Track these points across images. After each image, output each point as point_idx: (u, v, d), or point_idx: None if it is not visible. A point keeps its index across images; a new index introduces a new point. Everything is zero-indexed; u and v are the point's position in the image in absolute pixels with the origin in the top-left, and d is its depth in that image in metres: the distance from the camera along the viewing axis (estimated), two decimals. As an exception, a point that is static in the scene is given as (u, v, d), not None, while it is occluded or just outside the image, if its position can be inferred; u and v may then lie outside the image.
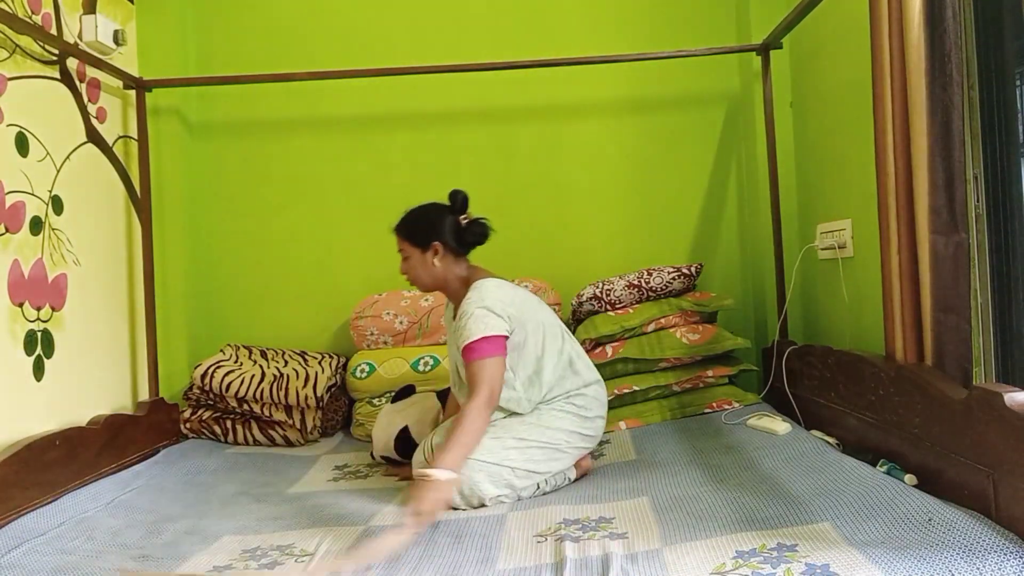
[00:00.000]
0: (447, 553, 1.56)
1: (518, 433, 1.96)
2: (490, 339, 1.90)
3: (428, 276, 2.06)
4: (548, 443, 1.96)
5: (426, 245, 2.03)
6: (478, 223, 2.06)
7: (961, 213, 1.66)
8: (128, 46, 2.83)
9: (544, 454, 1.95)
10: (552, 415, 2.01)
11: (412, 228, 2.06)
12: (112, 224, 2.66)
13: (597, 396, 2.11)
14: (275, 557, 1.61)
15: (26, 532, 1.79)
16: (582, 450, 2.06)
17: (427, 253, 2.03)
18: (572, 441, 2.01)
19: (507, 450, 1.92)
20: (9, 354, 2.07)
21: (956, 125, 1.66)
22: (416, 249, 2.04)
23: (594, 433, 2.09)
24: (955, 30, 1.65)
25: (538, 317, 2.04)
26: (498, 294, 1.97)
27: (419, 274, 2.06)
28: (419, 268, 2.05)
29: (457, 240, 2.04)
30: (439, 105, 3.08)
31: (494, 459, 1.89)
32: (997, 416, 1.40)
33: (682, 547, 1.46)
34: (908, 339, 1.78)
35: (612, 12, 3.07)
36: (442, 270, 2.04)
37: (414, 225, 2.06)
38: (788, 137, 2.86)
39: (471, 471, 1.86)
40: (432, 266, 2.04)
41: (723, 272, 3.06)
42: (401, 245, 2.07)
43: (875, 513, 1.50)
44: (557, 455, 1.97)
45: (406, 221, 2.08)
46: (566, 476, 2.03)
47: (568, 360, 2.07)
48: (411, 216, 2.09)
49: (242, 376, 2.69)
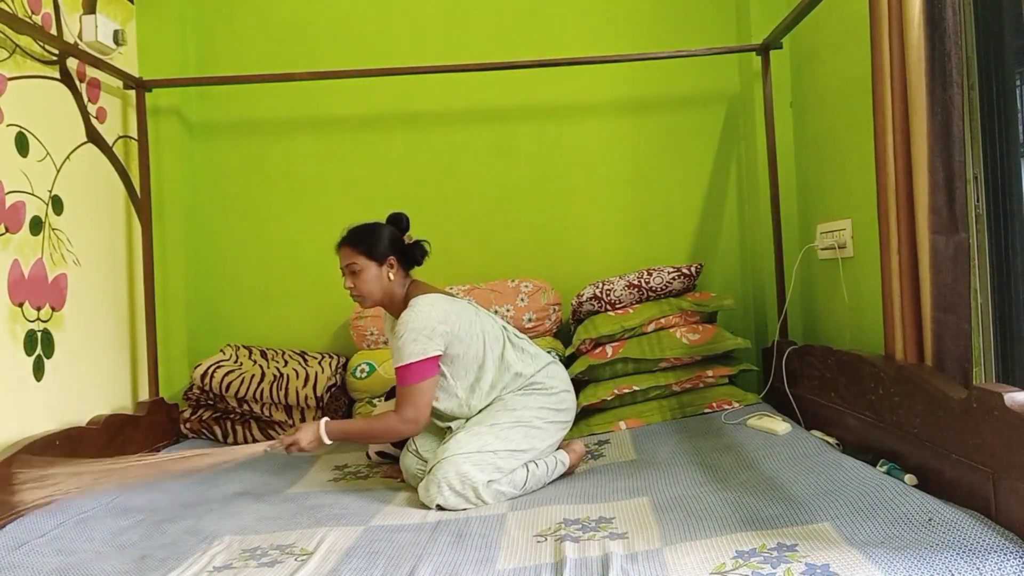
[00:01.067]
0: (447, 552, 1.57)
1: (487, 420, 2.03)
2: (420, 363, 1.97)
3: (379, 290, 2.09)
4: (519, 421, 2.03)
5: (382, 259, 2.07)
6: (420, 245, 2.14)
7: (961, 213, 1.66)
8: (128, 46, 2.83)
9: (519, 432, 2.01)
10: (515, 399, 2.09)
11: (367, 242, 2.08)
12: (112, 224, 2.66)
13: (553, 375, 2.17)
14: (275, 556, 1.61)
15: (26, 532, 1.79)
16: (559, 425, 2.11)
17: (383, 267, 2.08)
18: (544, 416, 2.07)
19: (482, 436, 1.98)
20: (9, 354, 2.07)
21: (956, 125, 1.66)
22: (372, 262, 2.07)
23: (565, 406, 2.15)
24: (955, 30, 1.65)
25: (475, 328, 2.08)
26: (432, 312, 2.01)
27: (371, 289, 2.08)
28: (372, 282, 2.07)
29: (403, 256, 2.11)
30: (439, 105, 3.08)
31: (474, 447, 1.95)
32: (997, 416, 1.40)
33: (682, 547, 1.46)
34: (908, 339, 1.78)
35: (612, 12, 3.07)
36: (391, 285, 2.09)
37: (368, 239, 2.08)
38: (788, 137, 2.86)
39: (457, 465, 1.90)
40: (387, 280, 2.08)
41: (723, 272, 3.06)
42: (353, 259, 2.07)
43: (875, 513, 1.50)
44: (533, 432, 2.03)
45: (360, 235, 2.10)
46: (557, 460, 2.06)
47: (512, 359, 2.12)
48: (364, 231, 2.11)
49: (242, 376, 2.69)
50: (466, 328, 2.05)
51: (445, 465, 1.91)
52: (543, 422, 2.06)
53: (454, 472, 1.89)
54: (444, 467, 1.91)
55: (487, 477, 1.91)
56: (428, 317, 1.99)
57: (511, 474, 1.95)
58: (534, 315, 2.80)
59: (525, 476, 1.97)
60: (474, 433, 1.99)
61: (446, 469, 1.90)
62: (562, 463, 2.07)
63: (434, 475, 1.92)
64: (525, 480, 1.97)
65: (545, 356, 2.22)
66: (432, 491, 1.90)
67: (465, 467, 1.90)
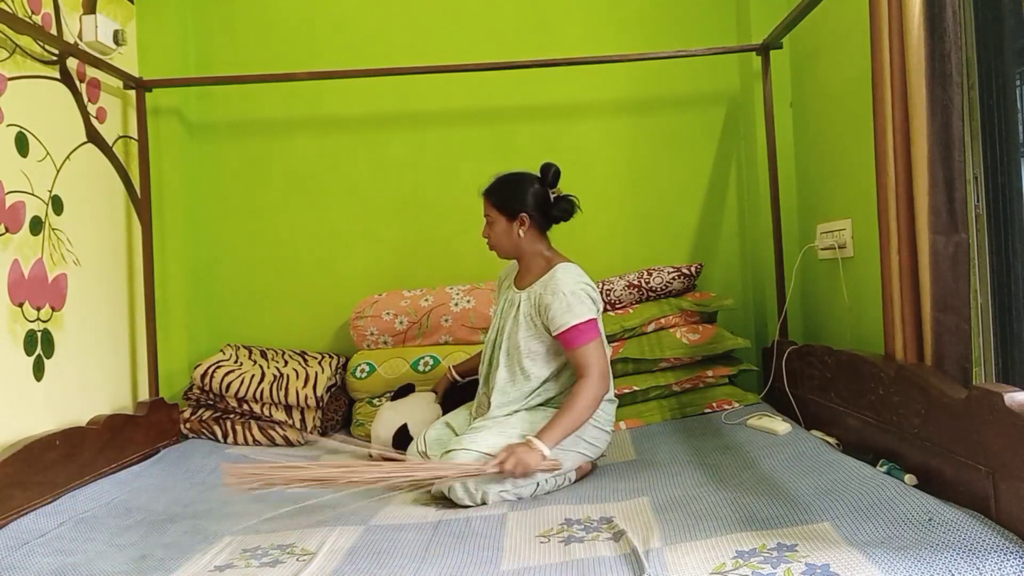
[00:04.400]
0: (450, 553, 1.56)
1: (523, 431, 1.97)
2: (590, 323, 1.97)
3: (510, 245, 2.12)
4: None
5: (513, 215, 2.08)
6: (567, 199, 2.11)
7: (961, 213, 1.66)
8: (128, 46, 2.83)
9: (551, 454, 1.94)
10: None
11: (502, 195, 2.09)
12: (112, 224, 2.66)
13: (608, 412, 2.11)
14: (276, 556, 1.61)
15: (26, 532, 1.79)
16: (583, 457, 2.05)
17: (513, 223, 2.09)
18: (576, 446, 2.00)
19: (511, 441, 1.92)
20: (9, 354, 2.07)
21: (956, 125, 1.66)
22: (503, 216, 2.09)
23: (598, 445, 2.09)
24: (955, 30, 1.65)
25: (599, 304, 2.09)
26: (582, 277, 2.05)
27: (501, 241, 2.12)
28: (503, 236, 2.10)
29: (543, 214, 2.10)
30: (439, 105, 3.08)
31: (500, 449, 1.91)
32: (997, 416, 1.40)
33: (682, 547, 1.46)
34: (908, 339, 1.78)
35: (612, 12, 3.07)
36: (524, 242, 2.10)
37: (504, 193, 2.10)
38: (788, 137, 2.86)
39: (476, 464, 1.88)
40: (516, 236, 2.10)
41: (723, 272, 3.06)
42: (488, 210, 2.11)
43: (875, 513, 1.50)
44: (562, 455, 1.96)
45: (497, 187, 2.11)
46: (567, 477, 2.03)
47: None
48: (502, 183, 2.12)
49: (242, 376, 2.69)
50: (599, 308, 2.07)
51: (463, 456, 1.89)
52: (572, 449, 1.99)
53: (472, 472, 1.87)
54: (465, 457, 1.89)
55: (500, 488, 1.88)
56: (586, 283, 2.03)
57: (522, 488, 1.92)
58: (534, 315, 2.79)
59: (534, 490, 1.94)
60: (506, 434, 1.95)
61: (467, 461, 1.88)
62: (568, 479, 2.03)
63: (454, 458, 1.89)
64: (533, 493, 1.95)
65: (613, 388, 2.15)
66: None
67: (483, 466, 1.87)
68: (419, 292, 2.88)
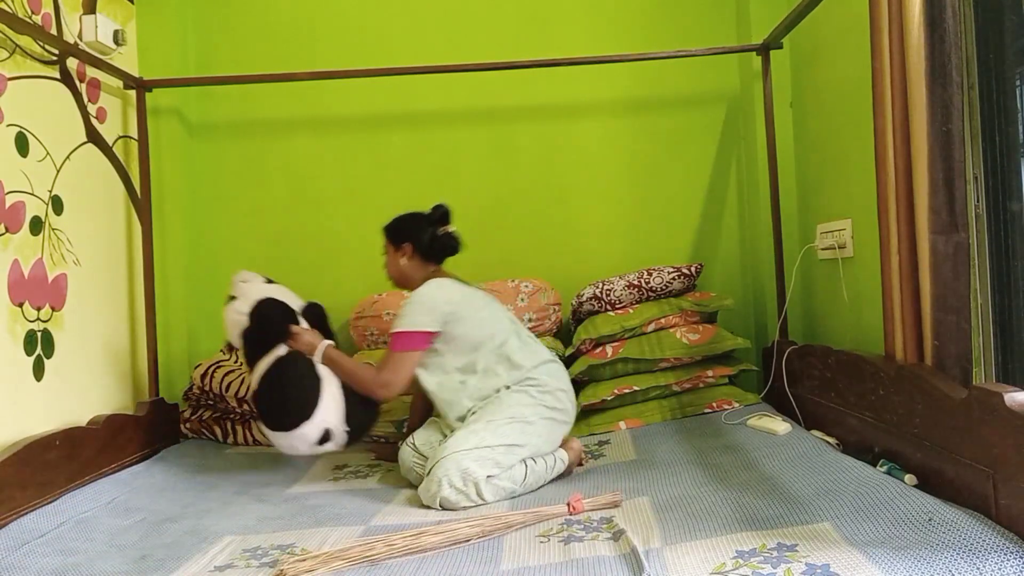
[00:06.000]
0: (450, 553, 1.57)
1: (483, 418, 2.06)
2: (412, 334, 2.11)
3: (396, 273, 2.31)
4: (514, 417, 2.05)
5: (398, 245, 2.28)
6: (448, 235, 2.28)
7: (961, 213, 1.66)
8: (128, 46, 2.83)
9: (514, 428, 2.03)
10: (510, 396, 2.11)
11: (391, 229, 2.31)
12: (112, 224, 2.66)
13: (550, 373, 2.19)
14: (276, 556, 1.61)
15: (26, 532, 1.79)
16: (555, 423, 2.12)
17: (398, 253, 2.28)
18: (539, 412, 2.09)
19: (478, 433, 2.00)
20: (9, 354, 2.07)
21: (956, 125, 1.66)
22: (390, 247, 2.30)
23: (560, 405, 2.15)
24: (955, 30, 1.65)
25: (481, 315, 2.17)
26: (437, 293, 2.15)
27: (390, 271, 2.32)
28: (390, 265, 2.31)
29: (428, 246, 2.26)
30: (439, 105, 3.08)
31: (472, 444, 1.97)
32: (997, 416, 1.40)
33: (682, 547, 1.46)
34: (908, 339, 1.78)
35: (612, 12, 3.07)
36: (408, 269, 2.27)
37: (393, 225, 2.32)
38: (788, 137, 2.86)
39: (457, 461, 1.91)
40: (401, 265, 2.28)
41: (723, 272, 3.06)
42: (384, 243, 2.33)
43: (875, 513, 1.50)
44: (528, 428, 2.04)
45: (390, 223, 2.33)
46: (556, 458, 2.07)
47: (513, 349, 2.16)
48: (394, 219, 2.33)
49: (242, 376, 2.69)
50: (471, 313, 2.15)
51: (445, 463, 1.92)
52: (539, 418, 2.08)
53: (455, 468, 1.91)
54: (444, 464, 1.92)
55: (487, 472, 1.93)
56: (432, 296, 2.14)
57: (510, 470, 1.97)
58: (534, 315, 2.80)
59: (524, 472, 1.98)
60: (471, 431, 2.01)
61: (447, 466, 1.91)
62: (561, 460, 2.08)
63: (434, 473, 1.92)
64: (524, 476, 1.98)
65: (546, 353, 2.24)
66: (433, 489, 1.90)
67: (465, 463, 1.92)
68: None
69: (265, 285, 2.36)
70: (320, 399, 2.07)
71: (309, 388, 2.07)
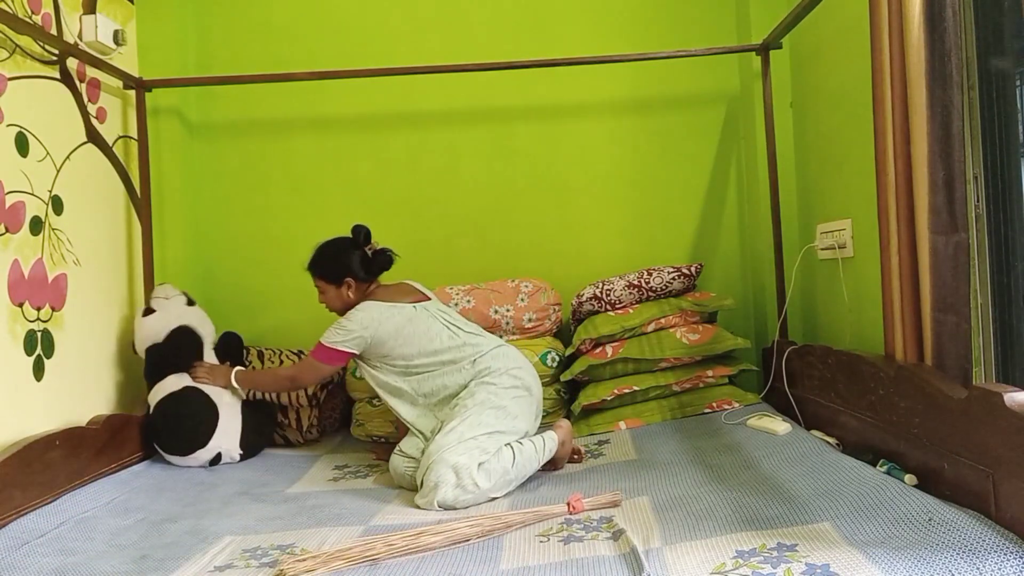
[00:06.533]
0: (450, 552, 1.57)
1: (457, 416, 2.09)
2: (330, 350, 2.22)
3: (341, 306, 2.33)
4: (483, 402, 2.10)
5: (339, 281, 2.31)
6: (383, 253, 2.34)
7: (961, 213, 1.66)
8: (128, 46, 2.83)
9: (489, 414, 2.08)
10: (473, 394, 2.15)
11: (325, 267, 2.33)
12: (112, 224, 2.66)
13: (498, 357, 2.24)
14: (276, 556, 1.61)
15: (26, 532, 1.79)
16: (526, 400, 2.18)
17: (341, 288, 2.32)
18: (505, 395, 2.14)
19: (456, 429, 2.04)
20: (9, 354, 2.07)
21: (956, 125, 1.66)
22: (331, 286, 2.33)
23: (521, 383, 2.20)
24: (955, 30, 1.65)
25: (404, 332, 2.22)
26: (360, 316, 2.22)
27: (335, 305, 2.35)
28: (334, 300, 2.34)
29: (366, 271, 2.31)
30: (439, 105, 3.08)
31: (453, 440, 2.00)
32: (997, 416, 1.40)
33: (682, 547, 1.46)
34: (908, 339, 1.78)
35: (612, 12, 3.07)
36: (351, 300, 2.31)
37: (327, 265, 2.33)
38: (788, 137, 2.86)
39: (444, 460, 1.93)
40: (348, 298, 2.32)
41: (723, 272, 3.06)
42: (317, 282, 2.35)
43: (875, 513, 1.50)
44: (501, 412, 2.10)
45: (319, 262, 2.35)
46: (544, 439, 2.10)
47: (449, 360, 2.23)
48: (322, 256, 2.35)
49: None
50: (390, 332, 2.21)
51: (435, 467, 1.95)
52: (509, 399, 2.13)
53: (444, 467, 1.92)
54: (435, 468, 1.94)
55: (476, 460, 1.94)
56: (354, 321, 2.22)
57: (497, 453, 1.98)
58: (534, 315, 2.80)
59: (512, 456, 1.99)
60: (448, 430, 2.05)
61: (437, 469, 1.93)
62: (551, 439, 2.10)
63: (427, 479, 1.94)
64: (513, 459, 1.99)
65: (491, 341, 2.31)
66: (429, 494, 1.91)
67: (453, 458, 1.94)
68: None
69: (185, 307, 2.57)
70: (216, 429, 2.40)
71: (203, 423, 2.40)
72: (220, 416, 2.43)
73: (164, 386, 2.43)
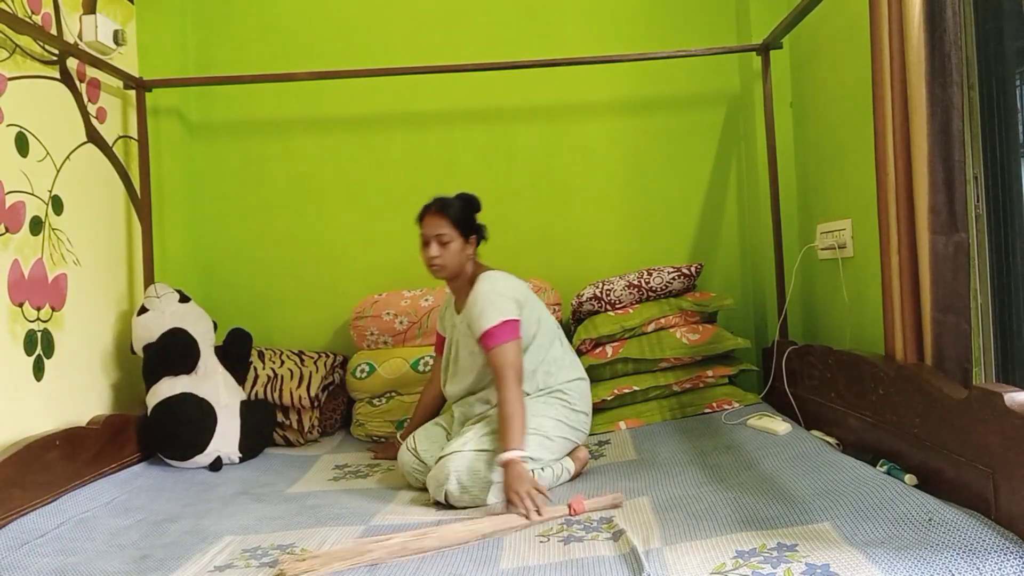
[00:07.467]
0: (450, 552, 1.57)
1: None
2: (507, 324, 2.01)
3: (459, 264, 2.11)
4: (536, 430, 2.02)
5: (468, 236, 2.11)
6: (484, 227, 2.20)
7: (961, 213, 1.66)
8: (128, 46, 2.83)
9: (534, 440, 2.00)
10: (538, 405, 2.09)
11: (463, 215, 2.10)
12: (112, 224, 2.66)
13: (581, 391, 2.19)
14: (275, 556, 1.61)
15: (26, 532, 1.79)
16: (569, 443, 2.11)
17: (467, 244, 2.12)
18: (560, 431, 2.07)
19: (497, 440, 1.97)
20: (9, 354, 2.07)
21: (956, 125, 1.66)
22: (460, 238, 2.09)
23: (581, 428, 2.16)
24: (955, 30, 1.65)
25: (536, 311, 2.16)
26: (507, 283, 2.10)
27: (454, 260, 2.10)
28: (456, 255, 2.09)
29: (479, 238, 2.17)
30: (439, 105, 3.08)
31: (487, 446, 1.96)
32: (997, 416, 1.40)
33: (682, 547, 1.46)
34: (908, 339, 1.78)
35: (612, 12, 3.07)
36: (467, 261, 2.13)
37: (464, 213, 2.10)
38: (788, 137, 2.86)
39: (469, 460, 1.91)
40: (466, 255, 2.12)
41: (723, 272, 3.06)
42: (445, 229, 2.08)
43: (875, 513, 1.50)
44: (546, 443, 2.03)
45: (456, 207, 2.10)
46: (564, 467, 2.06)
47: (553, 357, 2.16)
48: (459, 203, 2.11)
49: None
50: (530, 307, 2.12)
51: (457, 458, 1.92)
52: (557, 435, 2.07)
53: (465, 466, 1.90)
54: (456, 460, 1.91)
55: (497, 478, 1.90)
56: (504, 286, 2.07)
57: None
58: (534, 315, 2.79)
59: None
60: (490, 433, 2.00)
61: (458, 462, 1.91)
62: (567, 471, 2.06)
63: (445, 465, 1.91)
64: None
65: (581, 369, 2.25)
66: (441, 479, 1.90)
67: (477, 464, 1.91)
68: (419, 292, 2.88)
69: (177, 305, 2.54)
70: (214, 433, 2.37)
71: (201, 428, 2.37)
72: (218, 419, 2.41)
73: (158, 390, 2.41)
